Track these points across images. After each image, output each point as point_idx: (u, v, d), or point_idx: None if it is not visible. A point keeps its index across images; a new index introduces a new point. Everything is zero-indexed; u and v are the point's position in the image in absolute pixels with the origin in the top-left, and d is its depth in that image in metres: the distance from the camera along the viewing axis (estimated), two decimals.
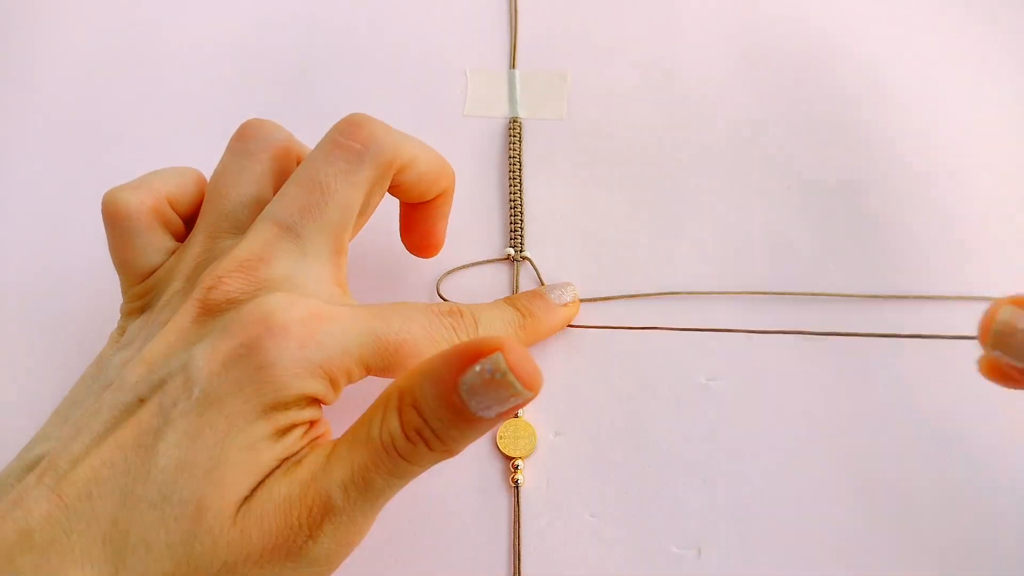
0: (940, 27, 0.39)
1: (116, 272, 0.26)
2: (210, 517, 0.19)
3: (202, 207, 0.26)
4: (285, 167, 0.26)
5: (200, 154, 0.36)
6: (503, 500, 0.27)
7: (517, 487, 0.27)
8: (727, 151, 0.35)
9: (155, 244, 0.25)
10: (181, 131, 0.36)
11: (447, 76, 0.37)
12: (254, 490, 0.20)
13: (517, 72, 0.37)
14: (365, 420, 0.21)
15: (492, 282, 0.31)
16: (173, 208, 0.26)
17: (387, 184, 0.25)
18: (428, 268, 0.32)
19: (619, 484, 0.27)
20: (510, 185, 0.33)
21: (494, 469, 0.28)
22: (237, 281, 0.22)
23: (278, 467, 0.21)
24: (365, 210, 0.26)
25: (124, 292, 0.26)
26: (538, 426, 0.28)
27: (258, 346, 0.20)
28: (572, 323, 0.30)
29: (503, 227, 0.33)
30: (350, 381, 0.22)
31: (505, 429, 0.28)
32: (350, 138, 0.24)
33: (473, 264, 0.32)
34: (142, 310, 0.25)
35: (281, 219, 0.24)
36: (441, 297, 0.31)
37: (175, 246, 0.26)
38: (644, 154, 0.35)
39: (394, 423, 0.20)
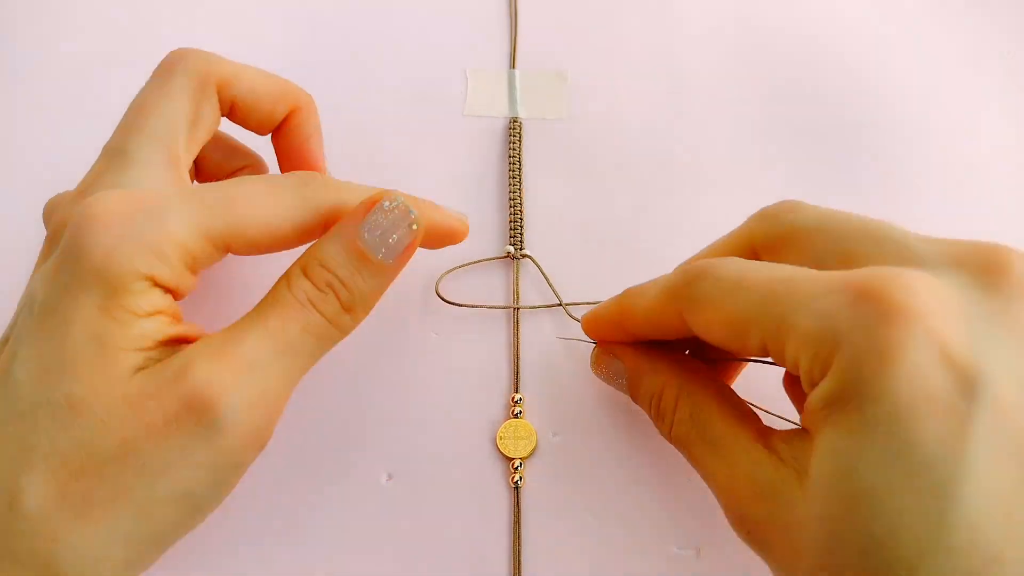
0: (940, 29, 0.39)
1: None
2: (89, 404, 0.19)
3: None
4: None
5: None
6: (503, 500, 0.27)
7: (517, 487, 0.27)
8: (727, 151, 0.35)
9: None
10: None
11: (447, 76, 0.37)
12: (136, 376, 0.20)
13: (517, 72, 0.37)
14: (266, 302, 0.22)
15: (491, 280, 0.31)
16: None
17: (212, 96, 0.26)
18: (428, 266, 0.31)
19: (619, 484, 0.27)
20: (510, 184, 0.33)
21: (494, 470, 0.27)
22: (71, 207, 0.22)
23: (156, 347, 0.21)
24: (197, 123, 0.25)
25: None
26: (538, 426, 0.28)
27: (75, 244, 0.20)
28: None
29: (503, 226, 0.33)
30: (194, 259, 0.22)
31: (505, 430, 0.28)
32: (162, 63, 0.26)
33: (473, 262, 0.31)
34: None
35: (108, 147, 0.25)
36: (439, 296, 0.30)
37: None
38: (644, 154, 0.35)
39: (305, 282, 0.22)
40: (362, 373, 0.29)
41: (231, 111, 0.27)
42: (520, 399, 0.28)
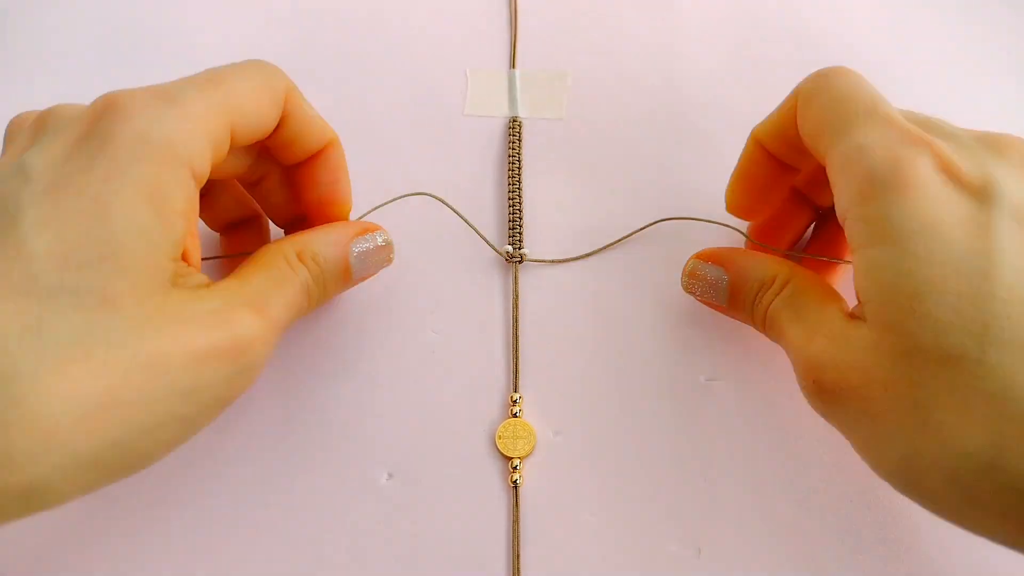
0: (942, 28, 0.39)
1: None
2: (128, 306, 0.19)
3: None
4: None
5: None
6: (502, 500, 0.27)
7: (516, 487, 0.27)
8: (727, 151, 0.35)
9: None
10: None
11: (447, 76, 0.37)
12: (174, 290, 0.20)
13: (517, 72, 0.37)
14: (267, 264, 0.24)
15: (489, 279, 0.31)
16: None
17: (279, 100, 0.25)
18: (425, 263, 0.31)
19: (619, 484, 0.27)
20: (509, 184, 0.33)
21: (493, 469, 0.27)
22: (93, 102, 0.22)
23: (184, 275, 0.21)
24: (252, 112, 0.24)
25: None
26: (537, 426, 0.28)
27: (103, 123, 0.20)
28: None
29: (502, 226, 0.33)
30: (212, 143, 0.22)
31: (504, 429, 0.28)
32: (251, 60, 0.26)
33: (471, 259, 0.32)
34: None
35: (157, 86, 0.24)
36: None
37: None
38: (643, 154, 0.35)
39: (305, 272, 0.25)
40: (361, 372, 0.29)
41: (279, 129, 0.26)
42: (519, 398, 0.28)
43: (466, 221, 0.31)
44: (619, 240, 0.32)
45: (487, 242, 0.31)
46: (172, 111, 0.21)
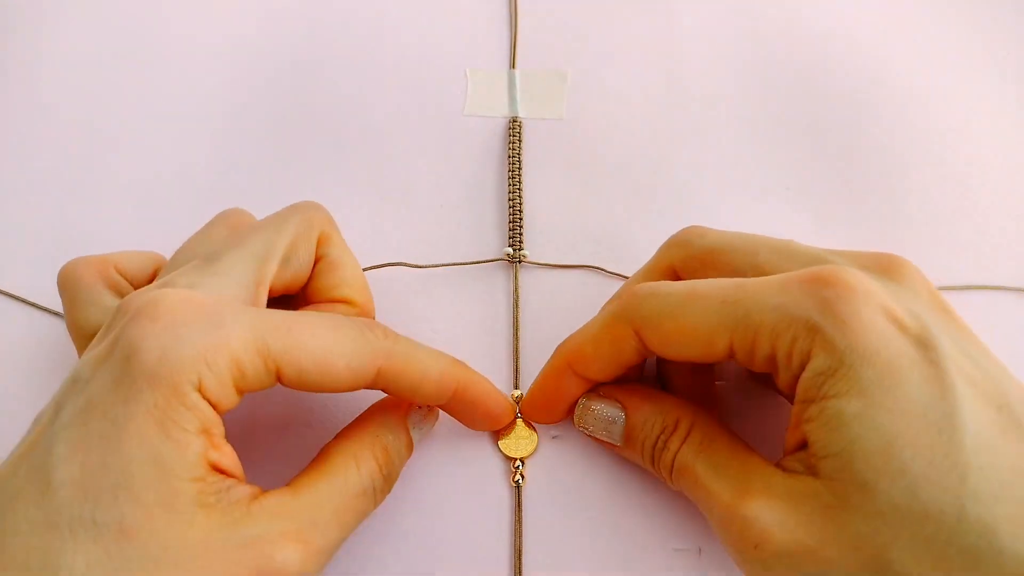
0: (940, 29, 0.39)
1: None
2: (143, 538, 0.18)
3: None
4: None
5: (201, 155, 0.36)
6: (504, 500, 0.27)
7: (518, 487, 0.27)
8: (727, 152, 0.35)
9: (97, 301, 0.25)
10: (182, 130, 0.36)
11: (447, 76, 0.37)
12: (201, 514, 0.19)
13: (517, 72, 0.37)
14: (330, 469, 0.22)
15: (490, 281, 0.31)
16: (121, 274, 0.26)
17: (312, 240, 0.26)
18: (425, 262, 0.32)
19: (619, 484, 0.27)
20: (509, 185, 0.33)
21: (495, 469, 0.27)
22: (142, 294, 0.21)
23: (215, 500, 0.19)
24: (291, 257, 0.25)
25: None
26: (538, 427, 0.28)
27: (128, 339, 0.19)
28: None
29: (502, 227, 0.33)
30: (244, 376, 0.20)
31: (506, 429, 0.28)
32: (290, 206, 0.27)
33: (471, 263, 0.32)
34: None
35: (207, 250, 0.24)
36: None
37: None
38: (643, 154, 0.35)
39: (372, 465, 0.23)
40: None
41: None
42: (521, 398, 0.28)
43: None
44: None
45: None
46: (200, 336, 0.20)
